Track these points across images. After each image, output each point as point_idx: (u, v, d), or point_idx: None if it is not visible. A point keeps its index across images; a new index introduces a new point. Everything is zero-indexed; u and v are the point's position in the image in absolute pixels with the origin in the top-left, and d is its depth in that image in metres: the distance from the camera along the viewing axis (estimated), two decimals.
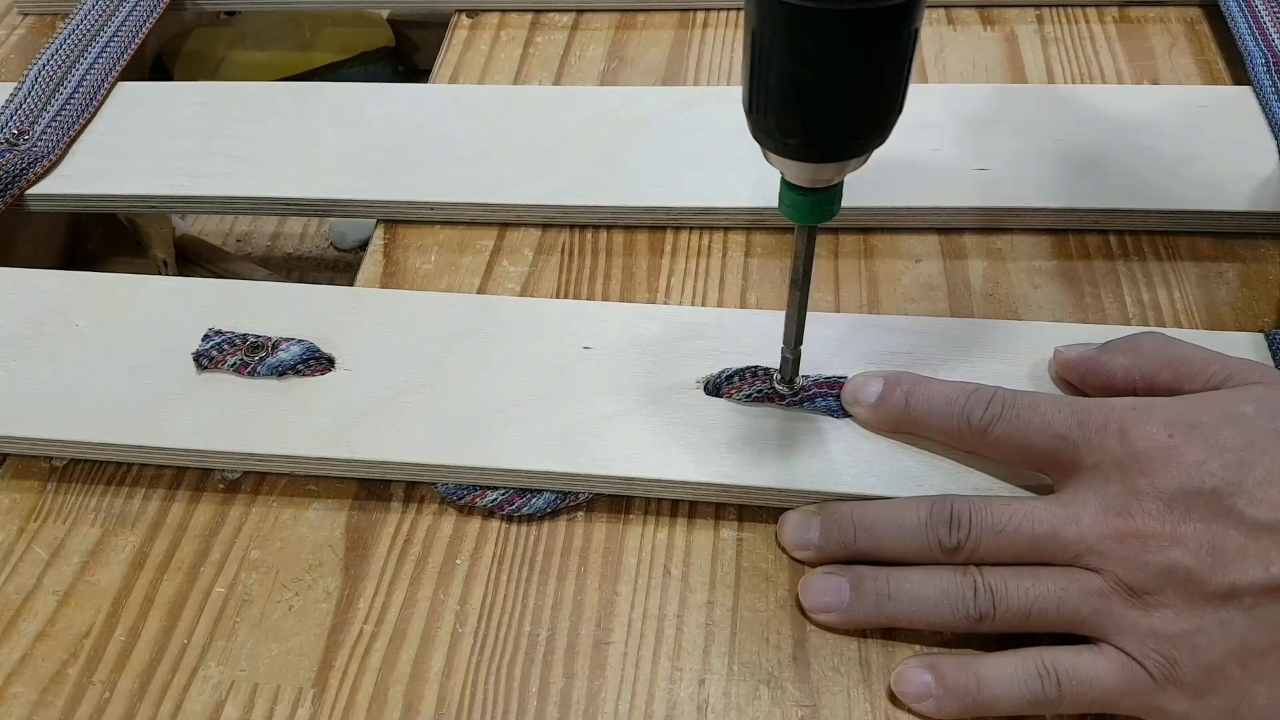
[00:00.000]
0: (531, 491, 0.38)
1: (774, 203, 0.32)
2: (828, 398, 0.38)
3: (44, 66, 0.53)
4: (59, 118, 0.51)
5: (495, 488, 0.38)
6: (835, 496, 0.36)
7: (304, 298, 0.44)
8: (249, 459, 0.39)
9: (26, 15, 0.62)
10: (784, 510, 0.37)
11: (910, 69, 0.28)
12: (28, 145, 0.49)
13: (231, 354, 0.41)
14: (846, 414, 0.38)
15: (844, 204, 0.31)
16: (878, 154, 0.30)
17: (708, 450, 0.37)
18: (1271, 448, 0.31)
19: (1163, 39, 0.55)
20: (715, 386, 0.39)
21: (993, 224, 0.46)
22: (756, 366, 0.39)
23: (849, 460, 0.37)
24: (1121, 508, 0.32)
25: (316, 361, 0.41)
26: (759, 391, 0.38)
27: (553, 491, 0.38)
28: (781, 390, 0.38)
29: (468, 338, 0.41)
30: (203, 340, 0.41)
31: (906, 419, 0.36)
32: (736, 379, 0.39)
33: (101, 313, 0.43)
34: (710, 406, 0.39)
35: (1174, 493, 0.31)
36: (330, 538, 0.38)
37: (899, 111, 0.29)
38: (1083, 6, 0.56)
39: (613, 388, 0.39)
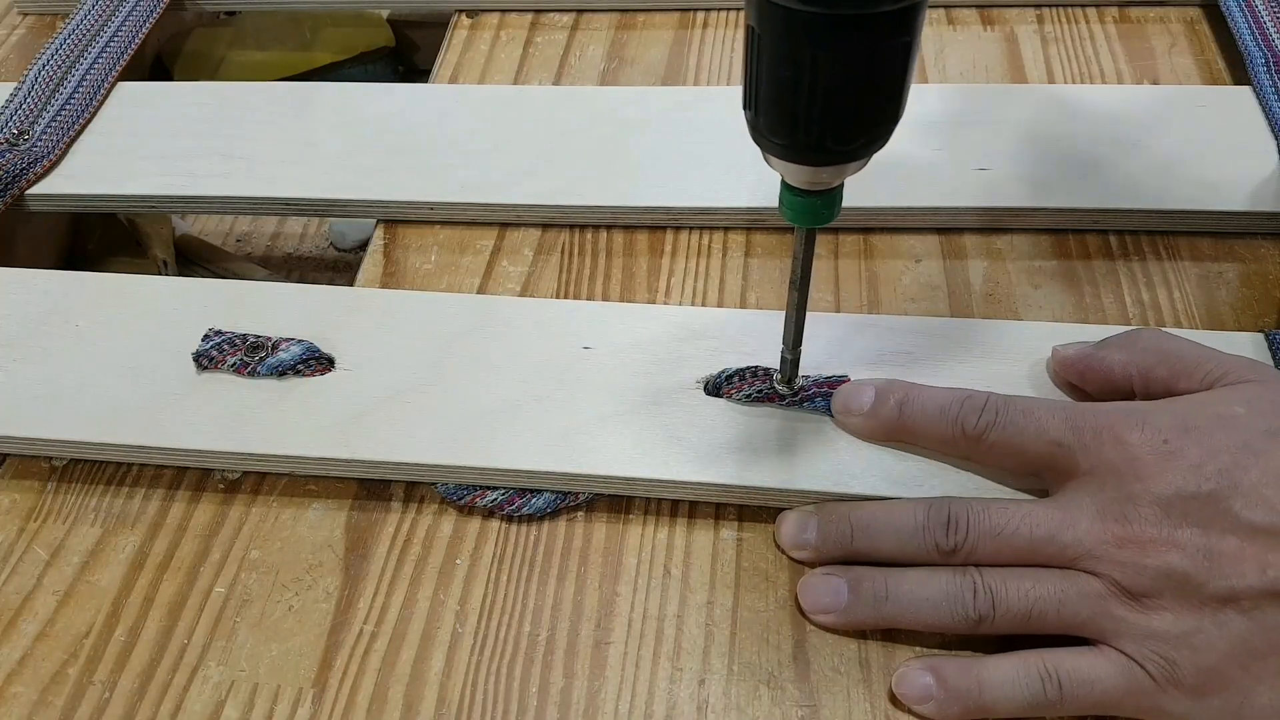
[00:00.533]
0: (531, 491, 0.38)
1: (774, 203, 0.32)
2: (827, 398, 0.38)
3: (44, 66, 0.53)
4: (59, 118, 0.51)
5: (495, 488, 0.38)
6: (835, 497, 0.36)
7: (304, 298, 0.44)
8: (249, 459, 0.39)
9: (26, 15, 0.62)
10: (784, 510, 0.37)
11: (909, 75, 0.28)
12: (28, 145, 0.49)
13: (231, 354, 0.41)
14: None
15: (844, 204, 0.31)
16: (878, 154, 0.30)
17: (708, 450, 0.37)
18: (1266, 449, 0.31)
19: (1163, 39, 0.55)
20: (715, 386, 0.39)
21: (993, 224, 0.46)
22: (756, 366, 0.39)
23: (849, 460, 0.37)
24: (1118, 513, 0.32)
25: (316, 362, 0.41)
26: (759, 391, 0.38)
27: (553, 491, 0.38)
28: (781, 390, 0.38)
29: (467, 338, 0.41)
30: (203, 340, 0.41)
31: (900, 428, 0.36)
32: (736, 379, 0.39)
33: (101, 313, 0.43)
34: (710, 406, 0.39)
35: (1170, 497, 0.31)
36: (330, 538, 0.38)
37: (897, 118, 0.29)
38: (1083, 6, 0.56)
39: (613, 388, 0.39)
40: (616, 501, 0.38)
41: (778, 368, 0.38)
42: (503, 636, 0.35)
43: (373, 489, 0.39)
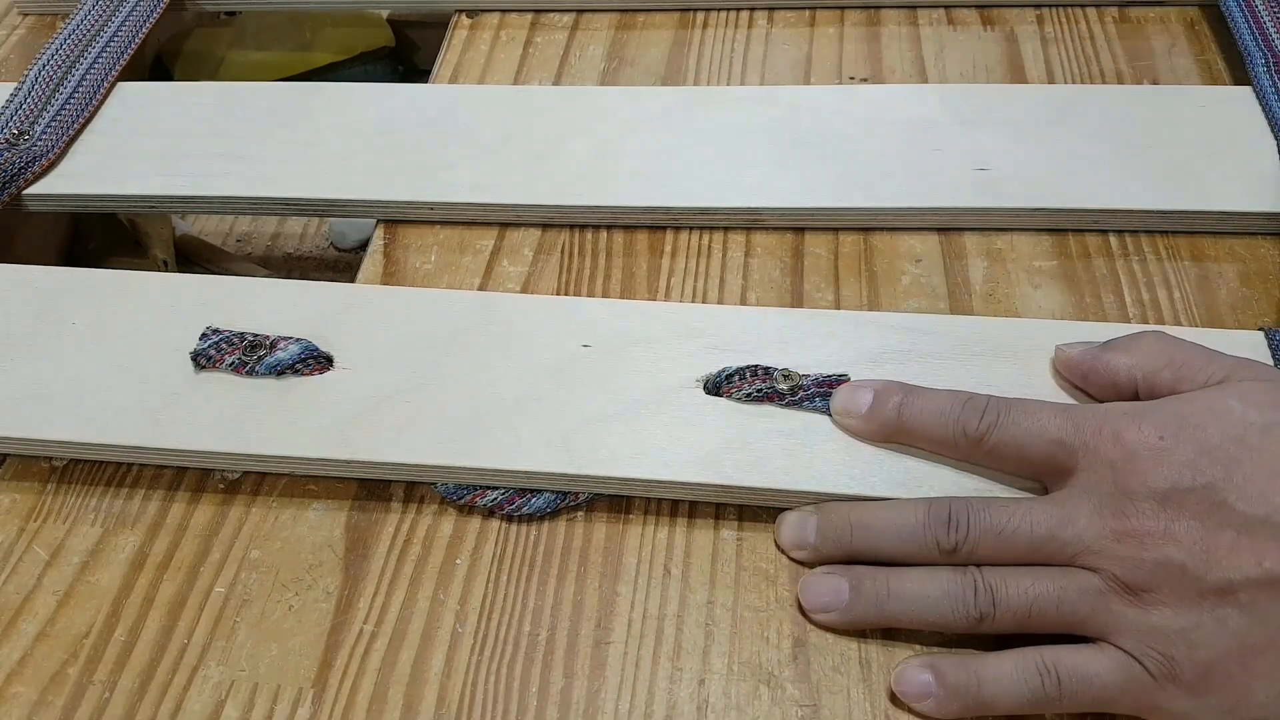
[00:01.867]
0: (531, 491, 0.38)
1: (774, 203, 0.32)
2: (827, 397, 0.38)
3: (44, 66, 0.53)
4: (59, 118, 0.51)
5: (495, 487, 0.38)
6: (835, 497, 0.36)
7: (302, 295, 0.43)
8: (247, 459, 0.39)
9: (26, 15, 0.62)
10: (784, 510, 0.37)
11: None
12: (28, 145, 0.49)
13: (230, 353, 0.41)
14: None
15: (844, 204, 0.31)
16: (878, 154, 0.30)
17: (707, 450, 0.37)
18: (1260, 444, 0.31)
19: (1163, 39, 0.55)
20: (715, 386, 0.39)
21: (993, 224, 0.46)
22: (756, 366, 0.39)
23: (849, 460, 0.37)
24: (1116, 508, 0.32)
25: (315, 361, 0.41)
26: (759, 391, 0.38)
27: (552, 491, 0.38)
28: (781, 389, 0.38)
29: (467, 336, 0.41)
30: (200, 339, 0.41)
31: (899, 430, 0.36)
32: (736, 378, 0.39)
33: (98, 310, 0.43)
34: (710, 406, 0.39)
35: (1166, 491, 0.31)
36: (330, 538, 0.38)
37: None
38: (1083, 6, 0.56)
39: (612, 387, 0.39)
40: (616, 501, 0.38)
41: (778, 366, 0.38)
42: (503, 636, 0.35)
43: (373, 489, 0.39)
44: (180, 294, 0.44)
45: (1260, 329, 0.40)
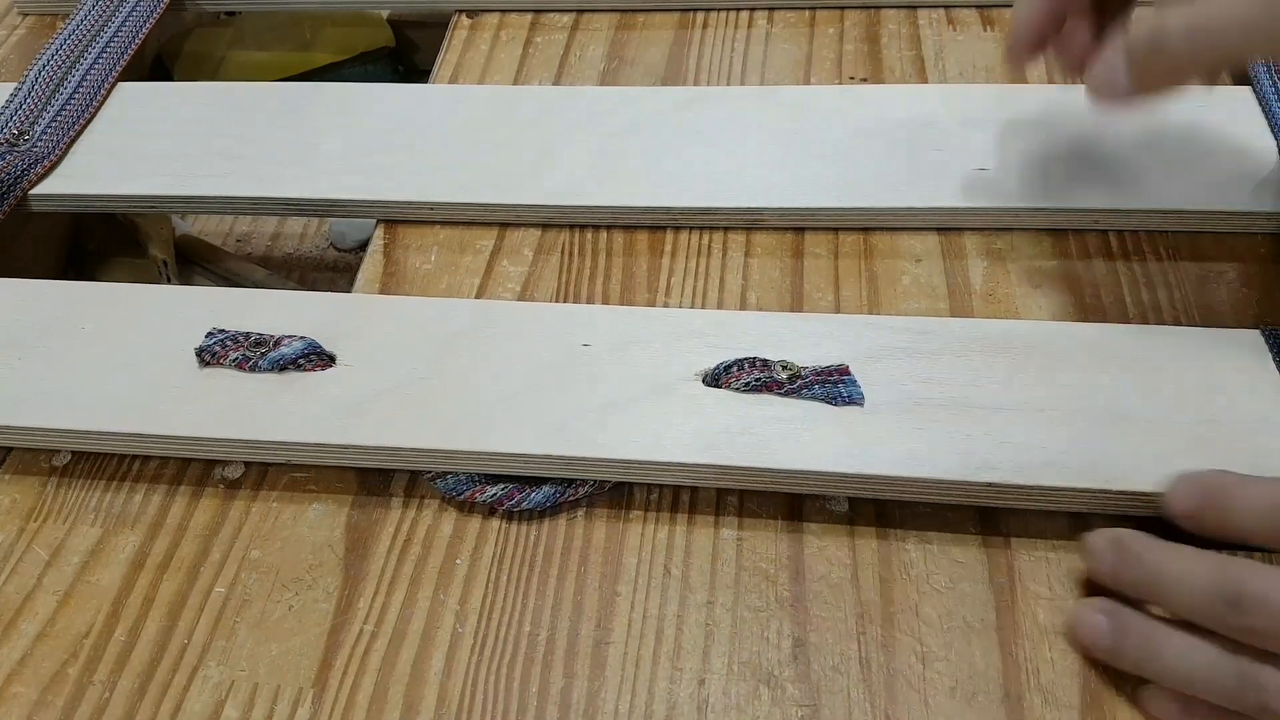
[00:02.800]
0: (531, 486, 0.38)
1: (774, 203, 0.32)
2: (824, 385, 0.38)
3: (44, 66, 0.53)
4: (59, 118, 0.51)
5: (496, 481, 0.38)
6: (837, 476, 0.36)
7: (308, 304, 0.44)
8: (246, 446, 0.39)
9: (26, 15, 0.63)
10: (781, 496, 0.37)
11: None
12: (28, 145, 0.49)
13: (233, 349, 0.41)
14: (845, 401, 0.38)
15: (844, 204, 0.31)
16: (878, 153, 0.30)
17: (706, 436, 0.37)
18: None
19: None
20: (714, 377, 0.39)
21: (993, 224, 0.46)
22: (755, 357, 0.39)
23: (850, 441, 0.37)
24: None
25: (318, 357, 0.41)
26: (758, 380, 0.38)
27: (553, 484, 0.38)
28: (780, 379, 0.38)
29: (468, 338, 0.41)
30: (205, 337, 0.41)
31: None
32: (735, 368, 0.39)
33: (107, 317, 0.43)
34: (710, 395, 0.39)
35: None
36: (330, 538, 0.38)
37: None
38: None
39: (612, 380, 0.39)
40: (616, 501, 0.38)
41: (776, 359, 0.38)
42: (503, 636, 0.35)
43: (373, 488, 0.39)
44: (188, 303, 0.44)
45: (1259, 329, 0.40)
